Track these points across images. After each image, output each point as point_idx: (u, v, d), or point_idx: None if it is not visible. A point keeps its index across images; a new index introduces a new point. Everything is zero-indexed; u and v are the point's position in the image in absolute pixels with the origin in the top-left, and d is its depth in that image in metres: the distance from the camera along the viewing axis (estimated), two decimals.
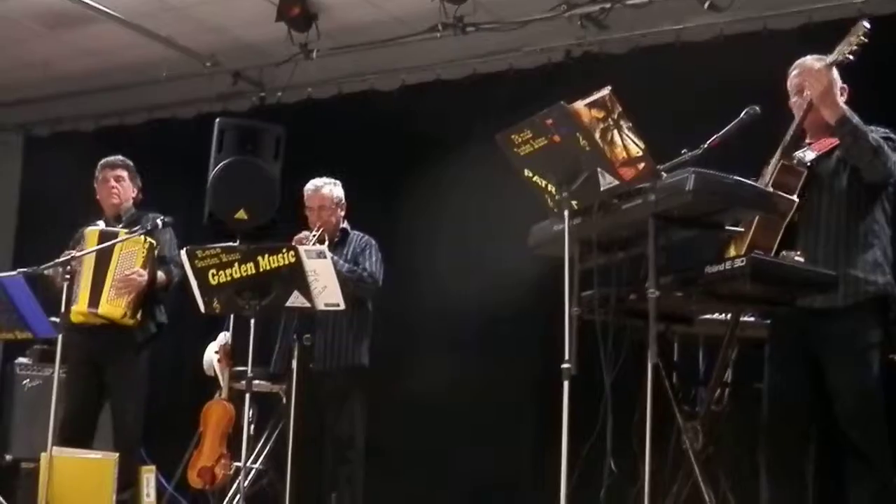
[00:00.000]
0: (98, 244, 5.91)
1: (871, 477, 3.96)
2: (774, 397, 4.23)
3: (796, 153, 4.22)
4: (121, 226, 6.18)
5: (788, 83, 4.36)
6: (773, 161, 4.19)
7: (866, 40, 4.04)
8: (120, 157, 6.41)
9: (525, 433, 6.97)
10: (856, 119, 4.03)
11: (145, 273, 5.93)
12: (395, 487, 6.79)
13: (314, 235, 5.85)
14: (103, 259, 5.90)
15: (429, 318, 7.50)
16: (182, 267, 5.58)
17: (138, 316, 5.97)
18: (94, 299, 5.89)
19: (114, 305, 5.89)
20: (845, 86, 4.23)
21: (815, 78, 4.10)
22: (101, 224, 6.21)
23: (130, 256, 5.93)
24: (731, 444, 4.79)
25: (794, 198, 4.09)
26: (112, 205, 6.29)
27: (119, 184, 6.30)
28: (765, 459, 4.23)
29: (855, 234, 4.11)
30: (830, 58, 4.11)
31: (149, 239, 5.95)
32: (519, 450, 6.96)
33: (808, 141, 4.33)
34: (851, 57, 4.06)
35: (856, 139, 4.00)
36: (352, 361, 5.98)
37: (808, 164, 4.19)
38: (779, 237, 4.07)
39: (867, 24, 4.06)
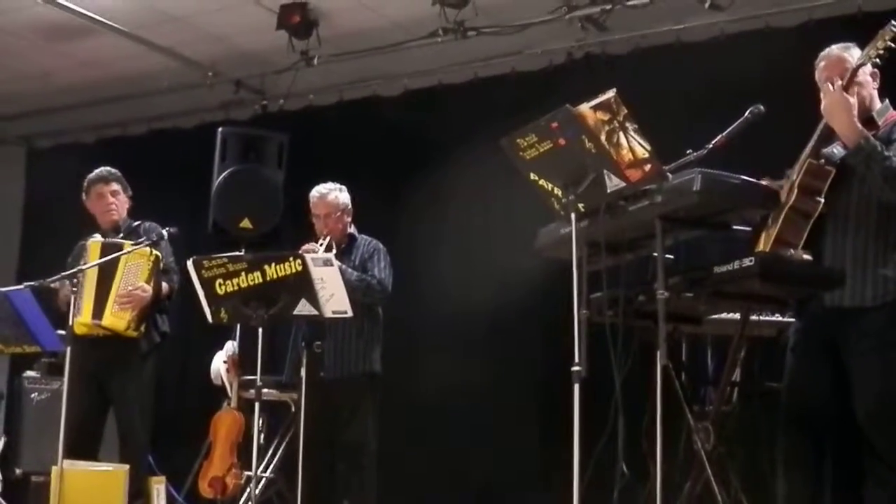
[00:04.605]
0: (100, 256, 5.85)
1: (890, 479, 3.89)
2: (795, 391, 4.18)
3: (825, 150, 4.11)
4: (120, 237, 6.10)
5: (816, 76, 4.23)
6: (802, 158, 4.09)
7: (894, 45, 3.92)
8: (108, 170, 6.28)
9: (531, 436, 6.98)
10: (871, 145, 3.91)
11: (150, 289, 5.87)
12: (403, 491, 6.79)
13: (321, 245, 5.84)
14: (108, 271, 5.83)
15: (432, 322, 7.51)
16: (180, 273, 5.55)
17: (142, 328, 5.93)
18: (98, 311, 5.84)
19: (117, 318, 5.84)
20: (876, 71, 4.08)
21: (828, 104, 4.00)
22: (100, 237, 6.12)
23: (135, 270, 5.86)
24: (743, 443, 4.79)
25: (820, 199, 4.01)
26: (111, 220, 6.20)
27: (115, 198, 6.21)
28: (781, 454, 4.18)
29: (885, 233, 4.00)
30: (858, 60, 4.02)
31: (154, 251, 5.91)
32: (525, 452, 6.96)
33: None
34: (879, 60, 3.97)
35: (868, 167, 3.91)
36: (364, 369, 5.97)
37: (837, 161, 4.08)
38: (805, 233, 4.01)
39: None
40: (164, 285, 6.02)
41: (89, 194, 6.27)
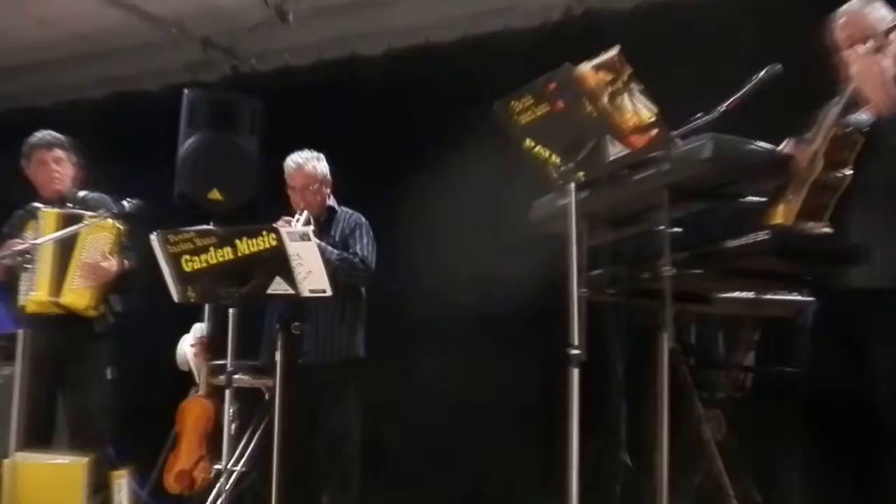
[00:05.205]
0: (57, 226, 5.81)
1: None
2: (814, 377, 4.16)
3: (851, 118, 4.03)
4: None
5: (836, 35, 4.15)
6: (826, 125, 4.01)
7: None
8: (51, 134, 6.21)
9: (528, 425, 6.95)
10: None
11: (115, 262, 5.86)
12: (389, 483, 6.79)
13: (298, 220, 5.80)
14: (67, 243, 5.80)
15: (421, 302, 7.47)
16: (139, 250, 5.53)
17: (100, 308, 5.91)
18: (56, 287, 5.80)
19: (78, 295, 5.81)
20: None
21: (859, 69, 3.90)
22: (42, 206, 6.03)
23: (97, 243, 5.84)
24: (756, 433, 4.79)
25: (848, 172, 3.95)
26: (55, 190, 6.12)
27: (59, 166, 6.14)
28: (800, 444, 4.18)
29: None
30: (888, 23, 3.93)
31: (117, 224, 5.87)
32: (522, 442, 6.94)
33: None
34: None
35: None
36: (347, 354, 5.95)
37: (865, 130, 3.99)
38: (831, 208, 3.93)
39: None
40: (125, 262, 5.98)
41: (30, 160, 6.19)
